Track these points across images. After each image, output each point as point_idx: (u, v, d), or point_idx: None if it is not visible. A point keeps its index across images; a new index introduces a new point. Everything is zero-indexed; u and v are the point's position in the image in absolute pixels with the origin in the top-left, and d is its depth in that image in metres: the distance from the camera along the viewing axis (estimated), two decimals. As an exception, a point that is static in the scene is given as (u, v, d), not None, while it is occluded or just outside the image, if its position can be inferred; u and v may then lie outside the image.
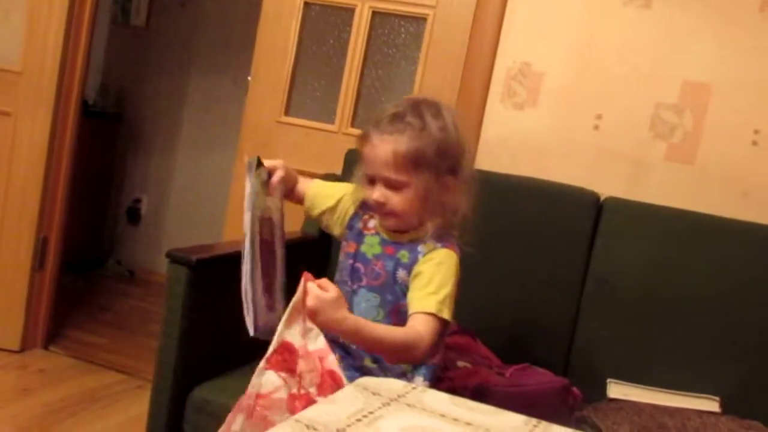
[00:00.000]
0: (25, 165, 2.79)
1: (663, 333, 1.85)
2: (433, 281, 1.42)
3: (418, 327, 1.37)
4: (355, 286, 1.52)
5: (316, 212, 1.63)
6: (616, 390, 1.77)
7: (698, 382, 1.78)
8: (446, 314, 1.41)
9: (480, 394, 1.55)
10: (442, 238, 1.48)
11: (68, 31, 2.76)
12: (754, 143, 2.07)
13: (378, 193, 1.44)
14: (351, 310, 1.49)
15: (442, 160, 1.41)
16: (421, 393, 1.08)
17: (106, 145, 4.40)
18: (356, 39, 2.49)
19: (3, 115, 2.77)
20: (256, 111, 2.59)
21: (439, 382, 1.62)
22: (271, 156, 2.50)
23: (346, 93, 2.50)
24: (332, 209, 1.61)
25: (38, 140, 2.78)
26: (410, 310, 1.42)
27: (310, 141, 2.51)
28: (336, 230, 1.62)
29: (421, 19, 2.43)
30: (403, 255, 1.48)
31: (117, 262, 4.45)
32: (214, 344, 1.77)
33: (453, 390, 1.56)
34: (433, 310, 1.39)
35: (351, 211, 1.59)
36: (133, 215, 4.51)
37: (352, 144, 2.33)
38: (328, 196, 1.62)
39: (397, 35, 2.49)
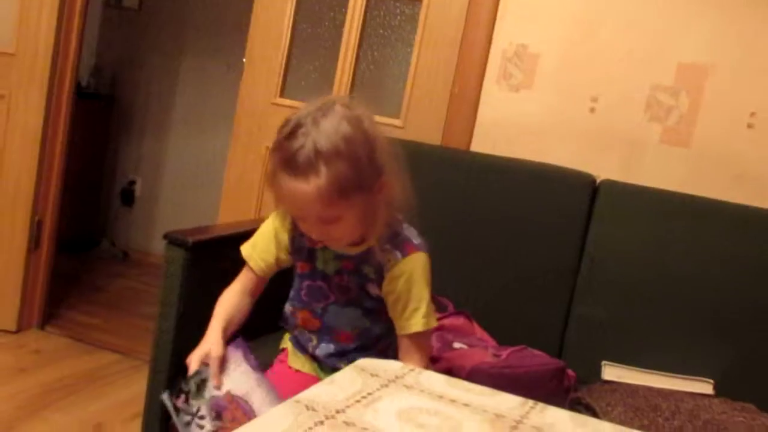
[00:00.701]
0: (19, 147, 2.79)
1: (657, 315, 1.86)
2: (411, 299, 1.39)
3: (414, 356, 1.38)
4: (322, 305, 1.47)
5: (273, 268, 1.52)
6: (611, 372, 1.78)
7: (692, 365, 1.80)
8: (433, 322, 1.41)
9: (476, 375, 1.56)
10: (397, 240, 1.40)
11: (61, 13, 2.75)
12: (750, 126, 2.07)
13: (316, 233, 1.34)
14: (324, 326, 1.48)
15: (365, 171, 1.27)
16: (419, 374, 1.09)
17: (99, 126, 4.39)
18: (352, 20, 2.48)
19: (-4, 98, 2.76)
20: (250, 93, 2.58)
21: (434, 362, 1.63)
22: (266, 137, 2.53)
23: (341, 74, 2.49)
24: (279, 251, 1.50)
25: (32, 122, 2.77)
26: (398, 331, 1.42)
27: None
28: (289, 262, 1.53)
29: (416, 1, 2.42)
30: (369, 270, 1.41)
31: (111, 244, 4.46)
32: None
33: (449, 371, 1.58)
34: (420, 328, 1.39)
35: (287, 236, 1.49)
36: (127, 197, 4.50)
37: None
38: (267, 249, 1.50)
39: (392, 17, 2.48)
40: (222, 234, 1.81)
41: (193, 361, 1.34)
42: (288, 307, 1.55)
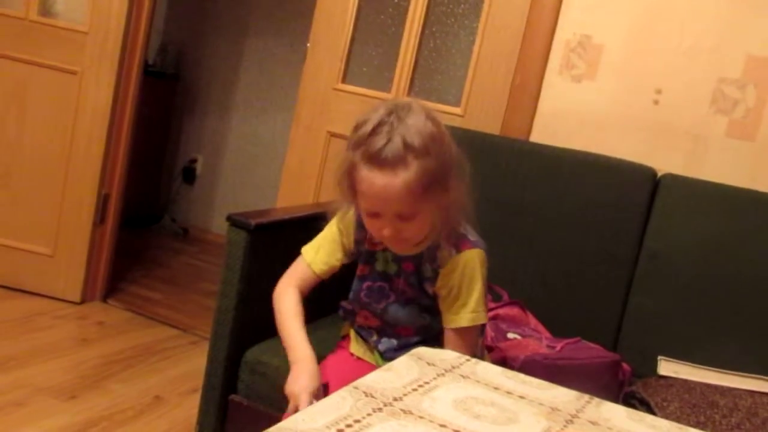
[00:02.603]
0: (89, 123, 2.87)
1: (717, 312, 1.84)
2: (461, 294, 1.39)
3: (457, 351, 1.32)
4: (382, 305, 1.48)
5: (334, 270, 1.53)
6: (667, 367, 1.77)
7: (751, 362, 1.77)
8: (482, 318, 1.40)
9: (529, 365, 1.57)
10: (454, 238, 1.39)
11: (133, -8, 2.82)
12: (819, 122, 2.02)
13: (389, 230, 1.32)
14: (384, 323, 1.49)
15: (447, 168, 1.30)
16: (475, 365, 1.10)
17: (164, 104, 4.48)
18: (415, 8, 2.47)
19: (69, 74, 2.83)
20: (313, 78, 2.60)
21: (488, 351, 1.64)
22: (327, 122, 2.55)
23: (403, 62, 2.49)
24: (342, 254, 1.51)
25: (102, 99, 2.85)
26: (445, 324, 1.42)
27: (367, 109, 2.51)
28: (345, 262, 1.53)
29: (481, -11, 2.41)
30: (426, 269, 1.42)
31: (172, 220, 4.55)
32: (269, 307, 1.81)
33: (502, 360, 1.59)
34: (465, 324, 1.39)
35: (351, 239, 1.49)
36: (189, 175, 4.59)
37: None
38: (331, 253, 1.51)
39: (456, 5, 2.48)
40: (283, 217, 1.85)
41: (304, 399, 1.31)
42: (346, 305, 1.56)
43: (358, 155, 1.27)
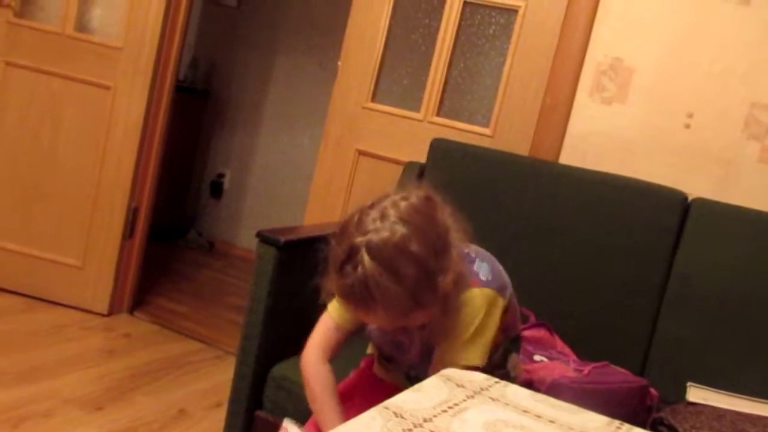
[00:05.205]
0: (121, 138, 2.90)
1: (747, 338, 1.82)
2: (457, 333, 1.35)
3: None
4: (405, 358, 1.48)
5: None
6: (696, 394, 1.74)
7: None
8: (473, 359, 1.34)
9: (557, 389, 1.56)
10: (465, 278, 1.32)
11: (167, 10, 2.86)
12: None
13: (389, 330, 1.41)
14: (410, 362, 1.48)
15: (423, 290, 1.22)
16: (504, 387, 1.10)
17: (193, 119, 4.52)
18: (446, 28, 2.49)
19: (103, 89, 2.88)
20: (343, 96, 2.62)
21: (515, 373, 1.63)
22: (356, 140, 2.57)
23: (433, 82, 2.50)
24: None
25: (135, 114, 2.89)
26: (435, 352, 1.39)
27: (395, 128, 2.53)
28: None
29: (512, 11, 2.41)
30: None
31: (198, 234, 4.58)
32: (297, 323, 1.82)
33: (529, 383, 1.58)
34: (464, 362, 1.33)
35: None
36: (216, 189, 4.63)
37: (437, 133, 2.36)
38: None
39: (487, 26, 2.48)
40: (312, 234, 1.86)
41: None
42: (369, 340, 1.56)
43: (335, 285, 1.24)
